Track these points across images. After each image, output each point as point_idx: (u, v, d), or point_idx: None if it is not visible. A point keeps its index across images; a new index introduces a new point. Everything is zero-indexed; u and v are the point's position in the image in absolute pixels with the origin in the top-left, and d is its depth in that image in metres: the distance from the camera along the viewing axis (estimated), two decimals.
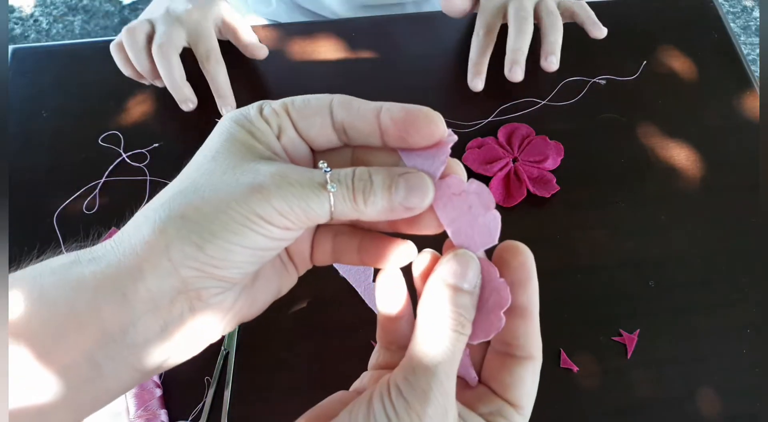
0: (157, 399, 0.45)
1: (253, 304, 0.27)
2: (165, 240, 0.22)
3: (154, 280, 0.22)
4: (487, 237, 0.24)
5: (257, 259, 0.24)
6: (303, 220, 0.23)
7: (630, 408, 0.47)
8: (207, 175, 0.23)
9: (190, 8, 0.56)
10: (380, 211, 0.24)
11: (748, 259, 0.52)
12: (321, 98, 0.25)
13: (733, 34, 0.65)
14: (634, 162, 0.57)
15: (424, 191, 0.24)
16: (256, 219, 0.22)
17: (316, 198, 0.23)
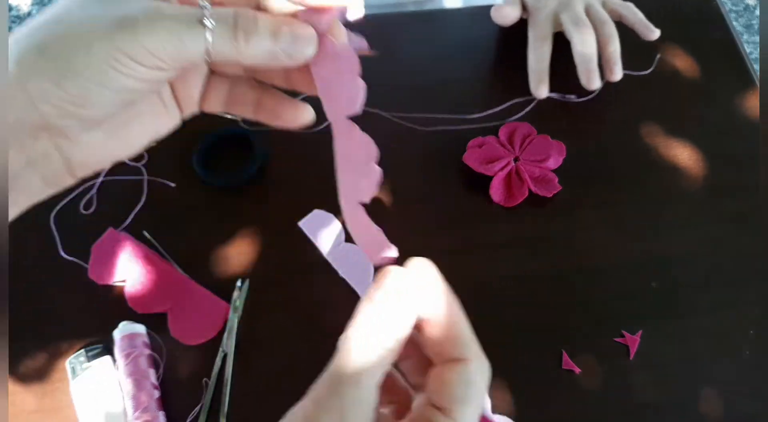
0: (155, 401, 0.44)
1: (128, 144, 0.26)
2: (23, 73, 0.21)
3: (12, 113, 0.21)
4: (350, 105, 0.25)
5: (124, 100, 0.23)
6: (176, 59, 0.22)
7: (632, 410, 0.46)
8: (76, 6, 0.22)
9: None
10: (262, 53, 0.23)
11: (750, 260, 0.52)
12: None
13: (735, 32, 0.64)
14: (637, 161, 0.57)
15: (308, 41, 0.23)
16: (121, 58, 0.21)
17: (191, 33, 0.21)
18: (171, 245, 0.51)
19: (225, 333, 0.47)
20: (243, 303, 0.49)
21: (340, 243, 0.52)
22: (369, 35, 0.64)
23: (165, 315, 0.48)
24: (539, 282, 0.51)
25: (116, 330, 0.46)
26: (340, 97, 0.25)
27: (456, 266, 0.53)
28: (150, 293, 0.48)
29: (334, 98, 0.25)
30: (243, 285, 0.49)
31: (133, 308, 0.48)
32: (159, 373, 0.46)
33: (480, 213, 0.53)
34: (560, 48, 0.59)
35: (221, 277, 0.50)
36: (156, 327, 0.47)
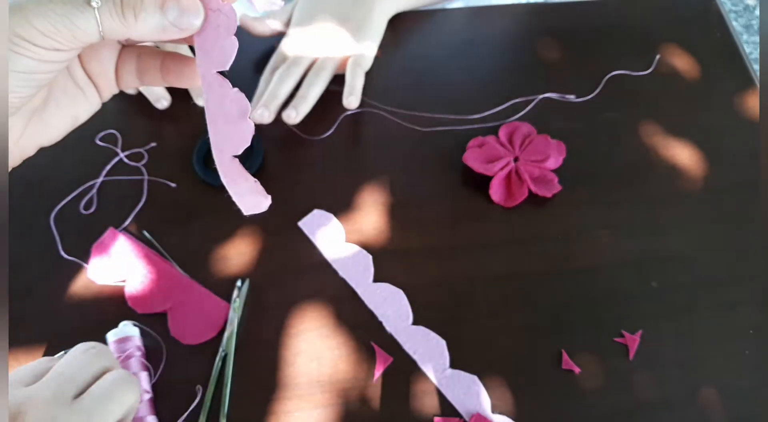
0: (147, 405, 0.44)
1: (48, 130, 0.27)
2: None
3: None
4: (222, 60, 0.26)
5: (33, 83, 0.23)
6: (71, 40, 0.22)
7: (632, 410, 0.46)
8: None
9: None
10: (152, 29, 0.24)
11: (750, 259, 0.52)
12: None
13: (735, 32, 0.64)
14: (636, 161, 0.57)
15: (196, 12, 0.24)
16: (19, 41, 0.21)
17: (80, 14, 0.22)
18: (171, 245, 0.51)
19: (225, 333, 0.47)
20: (243, 303, 0.49)
21: (340, 243, 0.52)
22: None
23: (165, 315, 0.48)
24: (539, 281, 0.51)
25: (109, 333, 0.46)
26: (212, 53, 0.26)
27: (456, 266, 0.53)
28: (150, 293, 0.48)
29: (207, 53, 0.26)
30: (243, 285, 0.49)
31: (133, 308, 0.48)
32: (154, 375, 0.46)
33: (480, 213, 0.54)
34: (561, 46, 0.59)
35: (221, 277, 0.50)
36: (156, 327, 0.47)
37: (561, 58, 0.61)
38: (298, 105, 0.54)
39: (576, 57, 0.61)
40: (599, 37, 0.61)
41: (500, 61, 0.62)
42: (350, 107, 0.55)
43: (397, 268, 0.50)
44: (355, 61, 0.57)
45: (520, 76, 0.59)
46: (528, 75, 0.60)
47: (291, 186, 0.54)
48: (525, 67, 0.61)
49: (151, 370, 0.46)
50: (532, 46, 0.62)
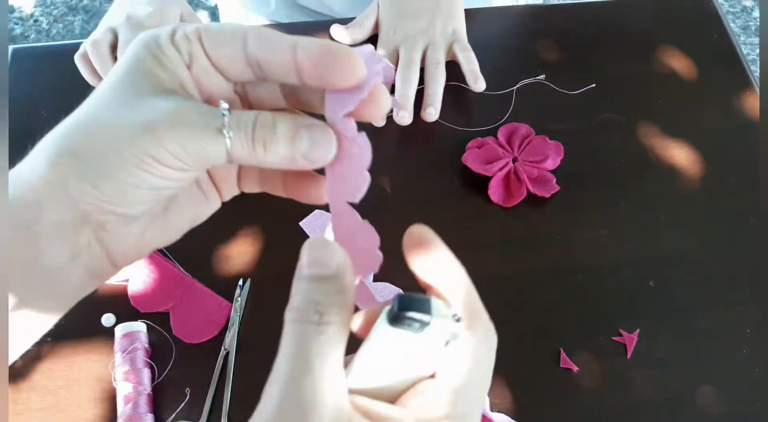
0: (146, 402, 0.45)
1: (166, 232, 0.27)
2: (60, 176, 0.22)
3: (54, 213, 0.22)
4: (352, 193, 0.25)
5: (156, 197, 0.23)
6: (199, 163, 0.22)
7: (630, 408, 0.47)
8: (104, 107, 0.23)
9: (150, 11, 0.57)
10: (281, 159, 0.23)
11: (747, 259, 0.53)
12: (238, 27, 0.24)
13: (732, 34, 0.65)
14: (635, 162, 0.57)
15: (327, 146, 0.23)
16: (149, 161, 0.22)
17: (212, 141, 0.22)
18: (173, 245, 0.50)
19: (227, 332, 0.48)
20: (245, 303, 0.49)
21: None
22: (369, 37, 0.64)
23: (167, 314, 0.48)
24: (537, 281, 0.51)
25: (117, 327, 0.47)
26: (343, 182, 0.24)
27: None
28: (152, 292, 0.48)
29: (337, 181, 0.25)
30: (245, 284, 0.50)
31: (136, 307, 0.48)
32: (156, 372, 0.46)
33: (479, 214, 0.54)
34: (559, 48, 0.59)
35: (223, 277, 0.50)
36: (158, 326, 0.48)
37: (560, 59, 0.62)
38: (434, 102, 0.57)
39: (574, 58, 0.62)
40: (598, 39, 0.61)
41: (500, 62, 0.62)
42: (480, 89, 0.58)
43: (397, 268, 0.50)
44: (461, 46, 0.59)
45: (520, 77, 0.60)
46: (527, 75, 0.61)
47: None
48: (524, 68, 0.61)
49: (154, 368, 0.46)
50: (531, 47, 0.63)
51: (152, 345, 0.47)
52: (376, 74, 0.23)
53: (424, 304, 0.21)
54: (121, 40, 0.56)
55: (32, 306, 0.23)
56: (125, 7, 0.58)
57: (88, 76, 0.57)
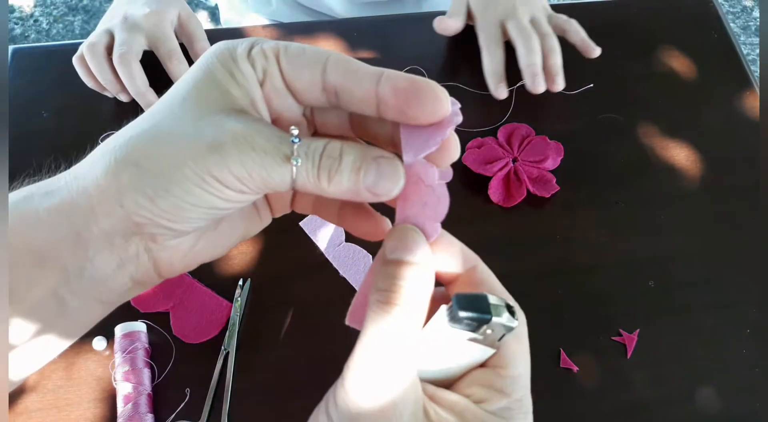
0: (146, 402, 0.45)
1: (216, 247, 0.26)
2: (117, 185, 0.21)
3: (106, 222, 0.22)
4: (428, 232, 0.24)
5: (211, 216, 0.23)
6: (261, 187, 0.22)
7: (630, 408, 0.47)
8: (171, 119, 0.22)
9: (147, 12, 0.56)
10: (344, 191, 0.22)
11: (747, 259, 0.53)
12: (319, 51, 0.23)
13: (732, 34, 0.65)
14: (634, 162, 0.57)
15: (394, 180, 0.23)
16: (210, 181, 0.21)
17: (278, 168, 0.21)
18: None
19: (227, 332, 0.48)
20: (245, 303, 0.49)
21: (341, 243, 0.52)
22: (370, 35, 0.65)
23: (167, 314, 0.48)
24: (537, 281, 0.51)
25: (117, 327, 0.47)
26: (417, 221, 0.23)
27: None
28: (152, 292, 0.48)
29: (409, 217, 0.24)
30: (245, 284, 0.50)
31: (136, 307, 0.48)
32: (156, 372, 0.47)
33: (479, 214, 0.54)
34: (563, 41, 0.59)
35: (223, 277, 0.50)
36: (158, 326, 0.48)
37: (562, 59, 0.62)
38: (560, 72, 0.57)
39: (575, 58, 0.62)
40: (598, 39, 0.61)
41: None
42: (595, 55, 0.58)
43: None
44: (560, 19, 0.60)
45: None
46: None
47: None
48: None
49: (154, 368, 0.46)
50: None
51: (152, 345, 0.47)
52: (455, 114, 0.23)
53: (482, 303, 0.22)
54: (117, 41, 0.56)
55: (74, 310, 0.23)
56: (123, 8, 0.58)
57: (86, 79, 0.57)
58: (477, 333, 0.22)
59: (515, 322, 0.22)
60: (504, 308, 0.22)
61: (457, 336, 0.22)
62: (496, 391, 0.23)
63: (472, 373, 0.24)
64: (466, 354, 0.23)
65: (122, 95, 0.57)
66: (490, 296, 0.22)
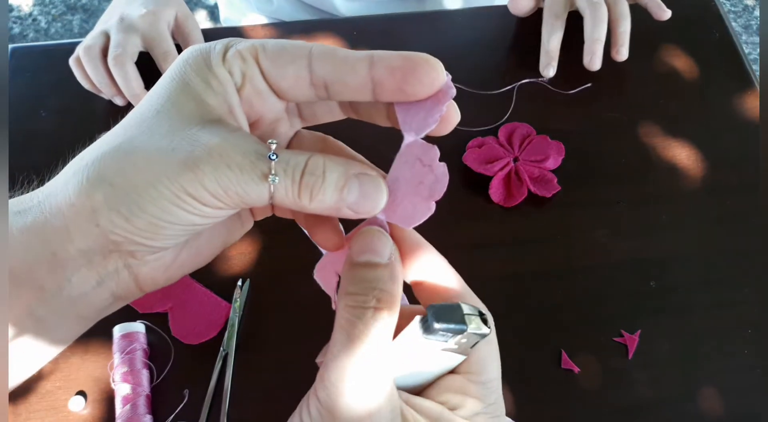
0: (145, 403, 0.44)
1: (198, 257, 0.26)
2: (92, 204, 0.21)
3: (82, 241, 0.21)
4: (407, 220, 0.23)
5: (190, 232, 0.23)
6: (238, 204, 0.21)
7: (631, 409, 0.47)
8: (145, 134, 0.21)
9: (143, 12, 0.56)
10: (324, 208, 0.22)
11: (749, 259, 0.52)
12: (298, 45, 0.22)
13: (734, 33, 0.65)
14: (636, 162, 0.57)
15: (376, 199, 0.22)
16: (186, 198, 0.21)
17: (254, 186, 0.21)
18: None
19: (226, 333, 0.47)
20: (244, 303, 0.49)
21: None
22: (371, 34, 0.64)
23: (166, 314, 0.48)
24: (538, 281, 0.51)
25: (116, 327, 0.47)
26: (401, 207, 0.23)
27: (455, 265, 0.53)
28: (151, 293, 0.48)
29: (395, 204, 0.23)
30: (244, 284, 0.50)
31: (134, 307, 0.48)
32: (155, 373, 0.46)
33: (479, 214, 0.54)
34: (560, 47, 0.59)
35: (222, 277, 0.50)
36: (157, 327, 0.48)
37: (560, 58, 0.62)
38: (625, 41, 0.58)
39: (575, 57, 0.62)
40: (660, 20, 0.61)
41: (500, 61, 0.62)
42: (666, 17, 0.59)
43: None
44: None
45: (520, 77, 0.60)
46: (528, 75, 0.60)
47: None
48: (525, 67, 0.61)
49: (153, 369, 0.46)
50: (532, 47, 0.63)
51: (151, 345, 0.47)
52: (449, 87, 0.22)
53: (457, 314, 0.21)
54: (112, 42, 0.55)
55: (52, 328, 0.23)
56: (120, 9, 0.58)
57: (82, 80, 0.57)
58: (451, 343, 0.22)
59: (488, 330, 0.22)
60: (477, 316, 0.22)
61: (431, 347, 0.22)
62: (470, 397, 0.23)
63: (444, 380, 0.24)
64: (438, 362, 0.23)
65: (117, 98, 0.57)
66: (463, 305, 0.22)
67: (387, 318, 0.22)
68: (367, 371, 0.21)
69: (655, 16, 0.59)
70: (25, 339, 0.22)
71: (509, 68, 0.61)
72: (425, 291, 0.25)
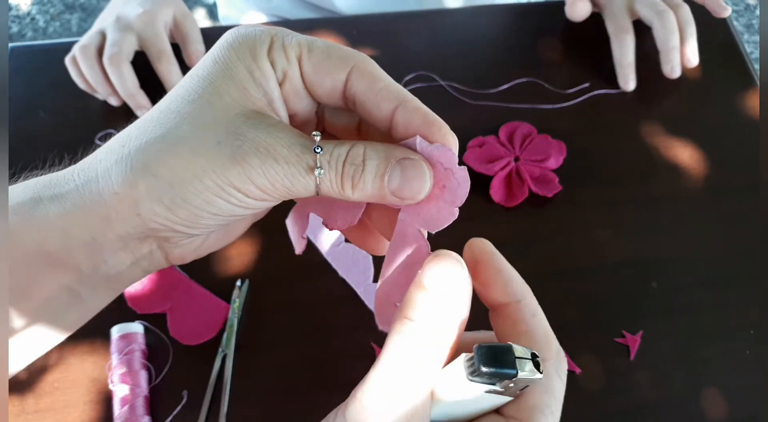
0: (143, 404, 0.44)
1: (227, 236, 0.27)
2: (135, 195, 0.21)
3: (122, 228, 0.22)
4: (431, 224, 0.23)
5: (228, 221, 0.23)
6: (284, 195, 0.22)
7: (633, 410, 0.46)
8: (188, 123, 0.21)
9: (140, 12, 0.56)
10: (369, 197, 0.22)
11: (751, 260, 0.52)
12: (344, 56, 0.22)
13: (736, 32, 0.64)
14: (637, 161, 0.57)
15: (420, 184, 0.22)
16: (231, 191, 0.21)
17: (301, 179, 0.21)
18: None
19: (225, 334, 0.47)
20: (243, 303, 0.49)
21: (340, 243, 0.52)
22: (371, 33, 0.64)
23: (165, 315, 0.48)
24: (539, 282, 0.50)
25: (114, 328, 0.46)
26: (425, 212, 0.23)
27: None
28: (150, 293, 0.48)
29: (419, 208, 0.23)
30: (243, 285, 0.49)
31: (133, 308, 0.48)
32: (153, 374, 0.46)
33: (480, 213, 0.53)
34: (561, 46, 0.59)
35: (221, 277, 0.50)
36: (155, 328, 0.47)
37: (561, 57, 0.61)
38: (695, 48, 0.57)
39: (576, 56, 0.61)
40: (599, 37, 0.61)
41: (500, 61, 0.62)
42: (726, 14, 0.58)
43: None
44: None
45: (520, 76, 0.59)
46: (528, 74, 0.60)
47: None
48: (525, 67, 0.61)
49: (151, 370, 0.46)
50: (532, 46, 0.62)
51: (149, 346, 0.47)
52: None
53: (508, 357, 0.19)
54: (108, 41, 0.55)
55: (87, 300, 0.24)
56: (117, 8, 0.58)
57: (78, 80, 0.57)
58: (497, 386, 0.20)
59: (538, 375, 0.20)
60: (529, 360, 0.20)
61: (475, 387, 0.20)
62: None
63: (485, 419, 0.22)
64: (481, 402, 0.22)
65: (112, 98, 0.56)
66: (515, 347, 0.20)
67: (439, 350, 0.20)
68: (404, 402, 0.20)
69: (715, 14, 0.58)
70: (60, 309, 0.23)
71: (509, 67, 0.61)
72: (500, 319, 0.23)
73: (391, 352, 0.20)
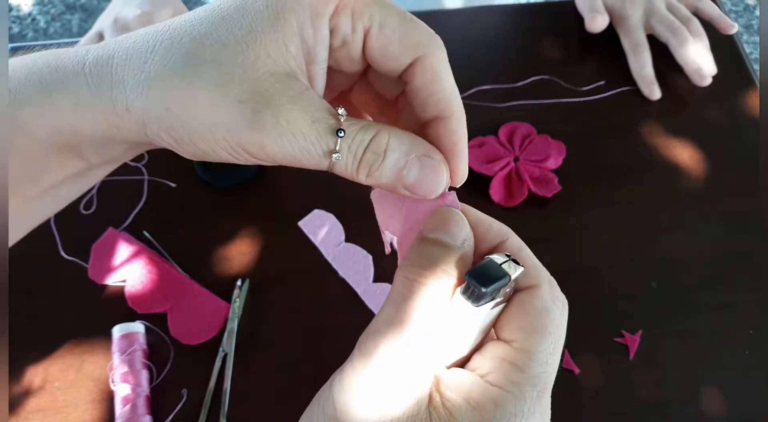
0: (144, 403, 0.44)
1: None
2: (146, 119, 0.21)
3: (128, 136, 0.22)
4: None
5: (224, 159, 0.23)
6: (290, 164, 0.21)
7: (632, 410, 0.46)
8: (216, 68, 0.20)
9: (138, 14, 0.56)
10: (381, 184, 0.22)
11: (750, 260, 0.52)
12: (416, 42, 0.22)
13: (736, 32, 0.64)
14: (636, 161, 0.57)
15: (436, 185, 0.22)
16: (240, 152, 0.21)
17: (316, 157, 0.21)
18: (171, 245, 0.51)
19: (225, 333, 0.47)
20: (243, 303, 0.49)
21: (340, 243, 0.52)
22: None
23: (165, 315, 0.48)
24: None
25: (115, 327, 0.46)
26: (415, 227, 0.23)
27: None
28: (150, 293, 0.48)
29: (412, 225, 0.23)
30: (243, 285, 0.49)
31: (134, 308, 0.48)
32: (154, 374, 0.46)
33: None
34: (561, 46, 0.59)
35: (221, 277, 0.50)
36: (156, 328, 0.47)
37: (561, 57, 0.61)
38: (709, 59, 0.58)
39: (576, 56, 0.61)
40: (599, 37, 0.61)
41: (500, 61, 0.62)
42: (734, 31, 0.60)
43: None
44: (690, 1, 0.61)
45: (521, 76, 0.59)
46: (528, 74, 0.60)
47: (291, 186, 0.54)
48: (525, 67, 0.61)
49: (152, 369, 0.46)
50: (533, 46, 0.62)
51: (150, 346, 0.47)
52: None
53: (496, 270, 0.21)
54: None
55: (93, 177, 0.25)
56: (116, 10, 0.58)
57: None
58: (499, 298, 0.21)
59: (521, 268, 0.21)
60: (509, 261, 0.21)
61: (481, 312, 0.21)
62: (508, 363, 0.21)
63: (486, 348, 0.22)
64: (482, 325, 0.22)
65: None
66: (494, 258, 0.21)
67: (442, 300, 0.21)
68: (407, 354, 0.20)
69: (723, 31, 0.60)
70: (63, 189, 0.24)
71: (509, 66, 0.61)
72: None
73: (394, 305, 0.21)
